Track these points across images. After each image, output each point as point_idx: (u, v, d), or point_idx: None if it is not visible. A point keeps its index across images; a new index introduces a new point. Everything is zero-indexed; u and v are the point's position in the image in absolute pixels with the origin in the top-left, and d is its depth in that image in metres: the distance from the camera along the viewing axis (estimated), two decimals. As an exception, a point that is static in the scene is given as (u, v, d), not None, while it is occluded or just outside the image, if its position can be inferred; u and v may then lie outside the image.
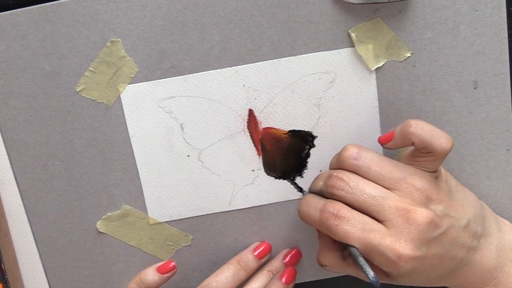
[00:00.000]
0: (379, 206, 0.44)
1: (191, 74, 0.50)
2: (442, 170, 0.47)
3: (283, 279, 0.50)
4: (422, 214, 0.43)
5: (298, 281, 0.53)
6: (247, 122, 0.51)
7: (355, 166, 0.46)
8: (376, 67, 0.50)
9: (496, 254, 0.47)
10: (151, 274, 0.50)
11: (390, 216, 0.43)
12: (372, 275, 0.43)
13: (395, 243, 0.43)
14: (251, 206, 0.53)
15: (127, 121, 0.50)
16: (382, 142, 0.47)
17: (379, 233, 0.43)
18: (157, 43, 0.49)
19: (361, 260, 0.44)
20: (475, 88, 0.51)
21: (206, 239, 0.54)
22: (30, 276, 0.54)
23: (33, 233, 0.53)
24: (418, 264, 0.43)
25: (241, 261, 0.51)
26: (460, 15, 0.49)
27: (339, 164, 0.47)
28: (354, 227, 0.43)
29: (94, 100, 0.50)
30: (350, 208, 0.44)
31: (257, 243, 0.53)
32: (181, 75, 0.49)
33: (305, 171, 0.52)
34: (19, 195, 0.52)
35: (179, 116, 0.50)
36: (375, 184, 0.45)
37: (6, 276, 0.51)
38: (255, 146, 0.51)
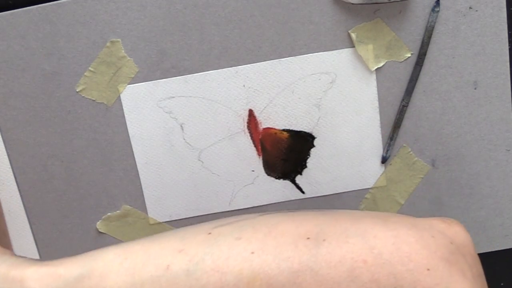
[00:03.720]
0: None
1: (191, 74, 0.50)
2: None
3: None
4: None
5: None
6: (247, 123, 0.51)
7: None
8: (376, 67, 0.50)
9: None
10: None
11: None
12: None
13: None
14: (251, 206, 0.53)
15: (127, 121, 0.50)
16: None
17: None
18: (157, 43, 0.49)
19: None
20: (475, 89, 0.51)
21: (206, 239, 0.54)
22: (30, 276, 0.54)
23: (33, 233, 0.53)
24: None
25: None
26: (460, 15, 0.49)
27: None
28: None
29: (94, 100, 0.50)
30: None
31: None
32: (181, 75, 0.49)
33: (305, 170, 0.52)
34: (19, 195, 0.52)
35: (179, 116, 0.50)
36: None
37: None
38: (255, 146, 0.51)
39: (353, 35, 0.49)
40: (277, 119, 0.51)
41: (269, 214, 0.38)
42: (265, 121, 0.51)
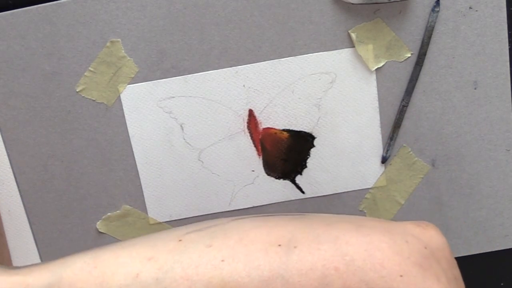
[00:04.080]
0: None
1: (191, 75, 0.50)
2: None
3: None
4: None
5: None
6: (247, 123, 0.51)
7: None
8: (376, 67, 0.50)
9: None
10: None
11: None
12: None
13: None
14: (251, 206, 0.53)
15: (127, 121, 0.50)
16: None
17: None
18: (157, 43, 0.49)
19: None
20: (475, 88, 0.51)
21: (206, 239, 0.54)
22: (30, 276, 0.54)
23: (33, 233, 0.53)
24: None
25: None
26: (460, 15, 0.49)
27: None
28: None
29: (94, 100, 0.50)
30: None
31: None
32: (181, 75, 0.49)
33: (305, 170, 0.52)
34: (19, 195, 0.52)
35: (179, 116, 0.50)
36: None
37: None
38: (255, 146, 0.51)
39: (353, 35, 0.49)
40: (277, 119, 0.51)
41: (242, 219, 0.38)
42: (265, 121, 0.51)
